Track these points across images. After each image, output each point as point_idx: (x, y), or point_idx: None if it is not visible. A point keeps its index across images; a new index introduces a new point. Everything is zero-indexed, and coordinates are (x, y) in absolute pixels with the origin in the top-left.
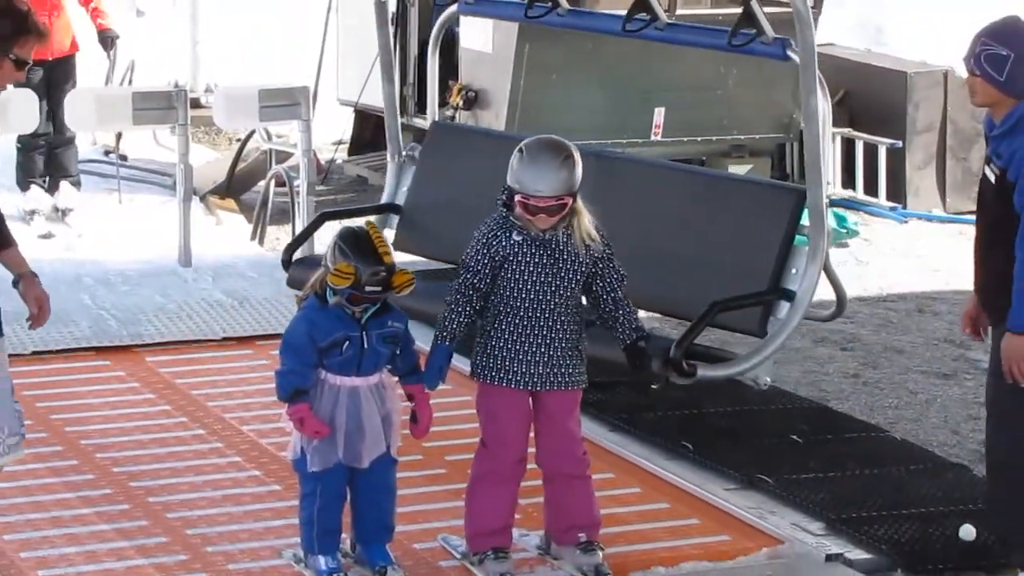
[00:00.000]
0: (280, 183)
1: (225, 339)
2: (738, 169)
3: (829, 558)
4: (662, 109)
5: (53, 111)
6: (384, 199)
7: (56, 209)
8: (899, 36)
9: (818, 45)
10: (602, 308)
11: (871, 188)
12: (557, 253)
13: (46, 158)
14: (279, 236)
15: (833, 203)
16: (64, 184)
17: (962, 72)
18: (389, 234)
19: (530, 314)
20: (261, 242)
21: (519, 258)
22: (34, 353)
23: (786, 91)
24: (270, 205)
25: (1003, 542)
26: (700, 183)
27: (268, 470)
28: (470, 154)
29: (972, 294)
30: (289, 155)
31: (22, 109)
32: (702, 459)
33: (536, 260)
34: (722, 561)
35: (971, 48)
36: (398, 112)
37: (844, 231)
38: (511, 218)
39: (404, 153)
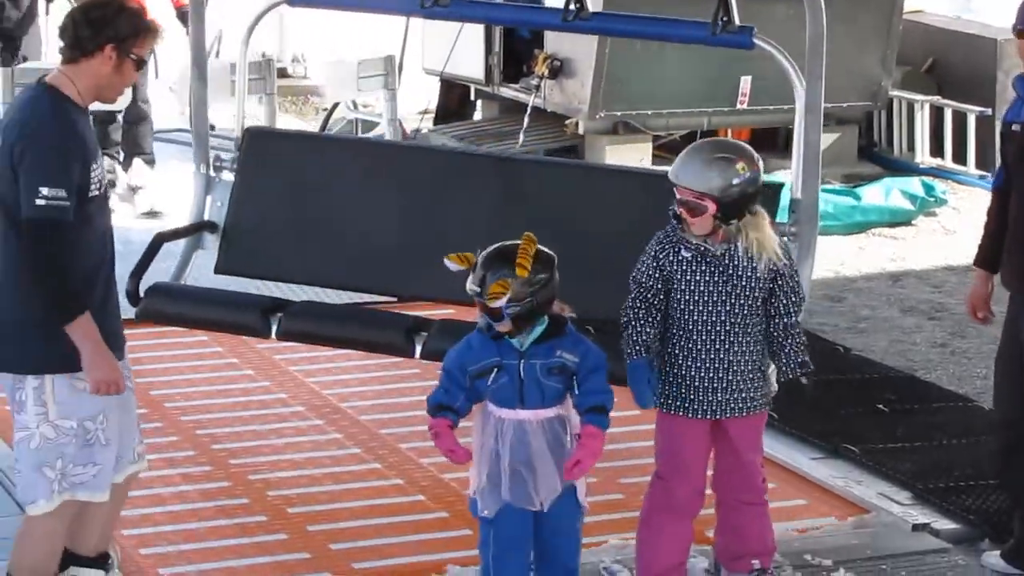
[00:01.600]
0: None
1: None
2: (827, 138)
3: (916, 528)
4: (748, 78)
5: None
6: (193, 217)
7: (129, 187)
8: (989, 2)
9: (906, 12)
10: (771, 331)
11: (960, 156)
12: (731, 270)
13: (123, 134)
14: None
15: (921, 171)
16: (137, 161)
17: None
18: (207, 256)
19: (703, 337)
20: None
21: (687, 276)
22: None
23: (875, 58)
24: None
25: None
26: (659, 185)
27: (368, 447)
28: (293, 160)
29: (979, 272)
30: (375, 124)
31: None
32: (788, 428)
33: (706, 279)
34: (808, 531)
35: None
36: (207, 112)
37: (932, 200)
38: (681, 233)
39: (213, 163)
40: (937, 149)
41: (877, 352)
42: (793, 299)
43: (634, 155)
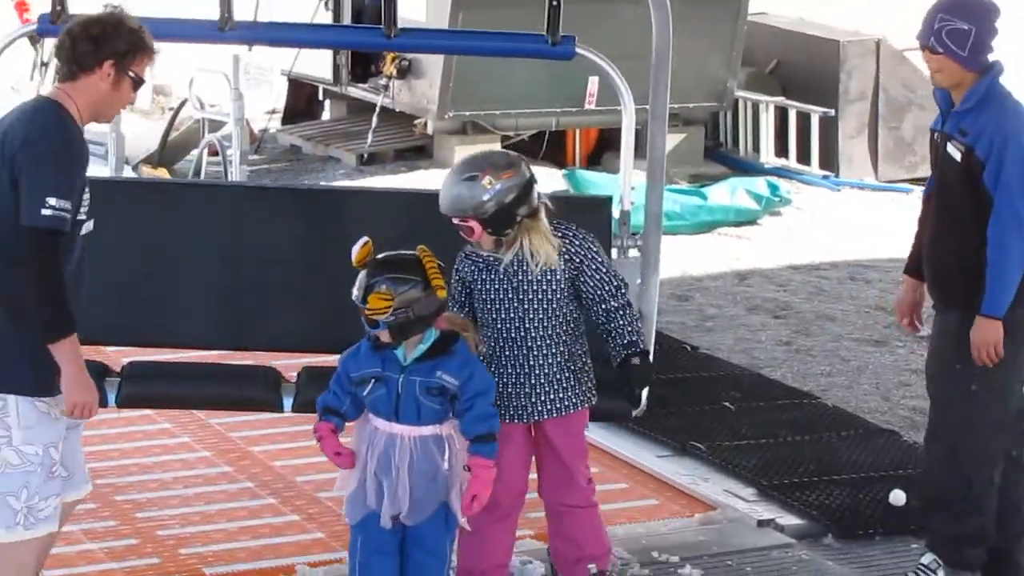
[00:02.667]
0: (213, 152)
1: None
2: (673, 139)
3: (761, 523)
4: (596, 78)
5: None
6: None
7: None
8: (832, 4)
9: (751, 14)
10: (594, 320)
11: (804, 157)
12: (520, 276)
13: None
14: None
15: (766, 171)
16: None
17: (894, 41)
18: None
19: (503, 344)
20: None
21: (483, 286)
22: None
23: (720, 59)
24: (203, 174)
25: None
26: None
27: (283, 497)
28: None
29: (908, 279)
30: (222, 124)
31: None
32: (635, 427)
33: (496, 286)
34: (656, 528)
35: (928, 25)
36: None
37: (777, 199)
38: (473, 248)
39: None
40: (781, 149)
41: (723, 350)
42: (607, 287)
43: None
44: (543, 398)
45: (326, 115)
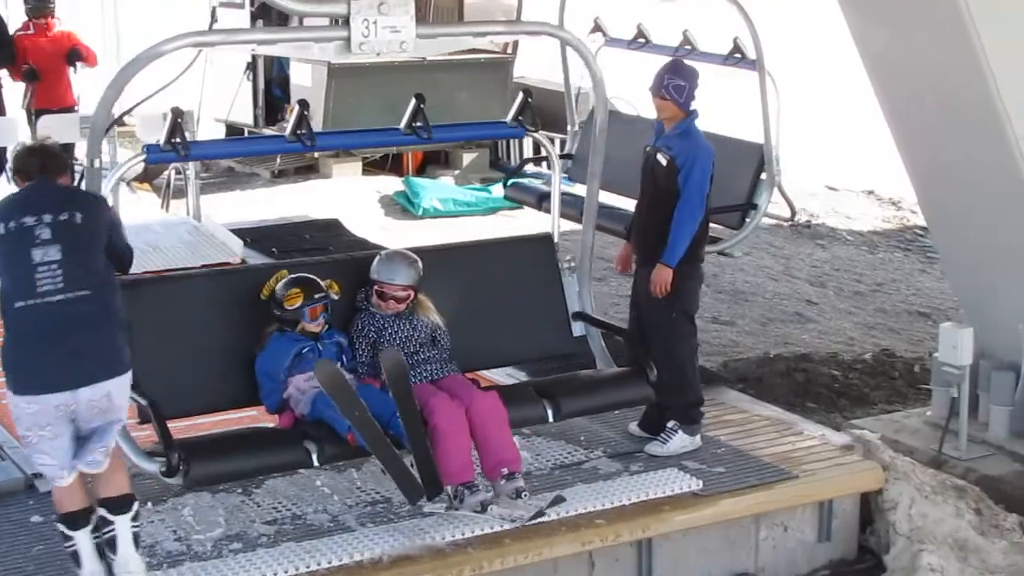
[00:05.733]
0: (178, 172)
1: (144, 273)
2: (470, 156)
3: None
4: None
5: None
6: None
7: None
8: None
9: (516, 78)
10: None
11: (548, 166)
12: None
13: None
14: (177, 206)
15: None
16: None
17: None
18: None
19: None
20: (167, 209)
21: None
22: None
23: (497, 107)
24: (171, 186)
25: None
26: (470, 254)
27: None
28: (148, 301)
29: (627, 243)
30: None
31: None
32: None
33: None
34: None
35: (659, 79)
36: None
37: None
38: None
39: None
40: (537, 162)
41: None
42: (443, 334)
43: (350, 169)
44: (426, 372)
45: None
